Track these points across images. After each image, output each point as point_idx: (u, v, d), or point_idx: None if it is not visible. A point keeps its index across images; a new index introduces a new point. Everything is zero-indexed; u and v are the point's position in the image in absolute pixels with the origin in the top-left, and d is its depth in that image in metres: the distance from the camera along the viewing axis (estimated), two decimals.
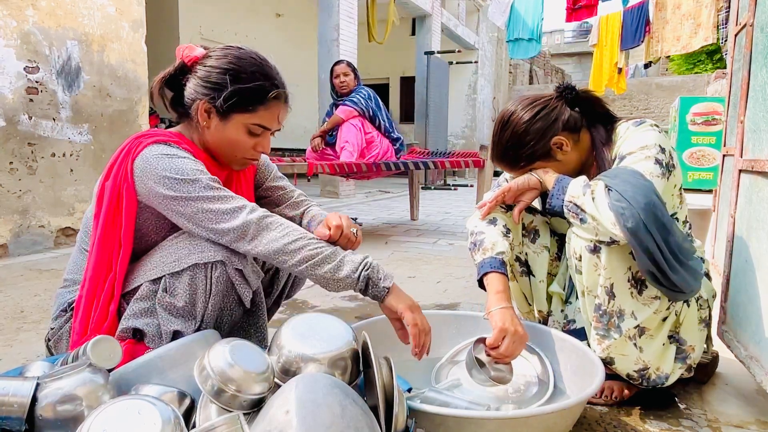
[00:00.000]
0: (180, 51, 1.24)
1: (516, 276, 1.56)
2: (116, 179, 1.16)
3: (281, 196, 1.45)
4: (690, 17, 6.45)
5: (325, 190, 7.48)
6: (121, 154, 1.17)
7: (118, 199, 1.16)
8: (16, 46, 3.11)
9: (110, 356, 0.97)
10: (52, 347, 1.26)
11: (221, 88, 1.17)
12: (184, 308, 1.13)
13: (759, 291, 1.31)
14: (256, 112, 1.20)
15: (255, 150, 1.25)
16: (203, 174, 1.15)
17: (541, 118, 1.34)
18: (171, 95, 1.26)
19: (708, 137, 6.73)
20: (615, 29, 7.64)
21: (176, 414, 0.80)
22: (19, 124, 3.17)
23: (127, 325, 1.15)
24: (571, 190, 1.23)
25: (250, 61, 1.21)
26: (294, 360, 0.96)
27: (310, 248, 1.12)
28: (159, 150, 1.15)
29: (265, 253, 1.12)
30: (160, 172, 1.12)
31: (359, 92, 4.01)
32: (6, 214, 3.15)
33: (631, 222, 1.10)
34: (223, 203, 1.13)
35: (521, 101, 1.39)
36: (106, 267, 1.17)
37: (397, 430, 0.89)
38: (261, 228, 1.12)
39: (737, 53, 2.01)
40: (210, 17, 8.78)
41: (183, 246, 1.15)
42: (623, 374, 1.31)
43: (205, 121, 1.21)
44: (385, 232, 4.35)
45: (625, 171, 1.20)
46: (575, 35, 28.49)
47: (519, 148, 1.36)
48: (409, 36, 12.70)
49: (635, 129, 1.31)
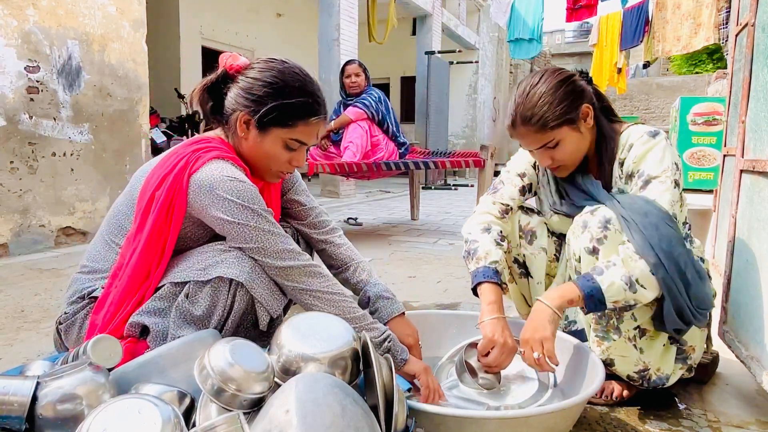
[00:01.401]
0: (223, 59, 1.24)
1: (515, 278, 1.56)
2: (170, 191, 1.15)
3: (300, 212, 1.44)
4: (690, 17, 6.44)
5: (325, 189, 7.48)
6: (177, 166, 1.16)
7: (168, 211, 1.15)
8: (16, 45, 3.11)
9: (110, 355, 0.97)
10: (62, 331, 1.24)
11: (263, 101, 1.17)
12: (200, 318, 1.13)
13: (760, 291, 1.31)
14: (295, 128, 1.20)
15: (290, 164, 1.25)
16: (261, 203, 1.17)
17: (572, 83, 1.31)
18: (210, 103, 1.26)
19: (708, 137, 6.73)
20: (615, 29, 7.65)
21: (176, 413, 0.80)
22: (20, 124, 3.17)
23: (136, 319, 1.14)
24: (610, 297, 1.17)
25: (293, 77, 1.20)
26: (294, 359, 0.96)
27: (343, 305, 1.20)
28: (223, 170, 1.15)
29: (299, 295, 1.19)
30: (222, 194, 1.13)
31: (370, 94, 3.98)
32: (6, 213, 3.15)
33: (667, 286, 1.17)
34: (275, 239, 1.17)
35: (544, 70, 1.35)
36: (144, 275, 1.17)
37: (397, 429, 0.89)
38: (305, 273, 1.18)
39: (738, 53, 2.01)
40: (210, 17, 8.78)
41: (213, 255, 1.15)
42: (623, 375, 1.31)
43: (243, 132, 1.21)
44: (385, 232, 4.35)
45: (653, 214, 1.19)
46: (576, 35, 28.48)
47: (552, 105, 1.28)
48: (409, 36, 12.69)
49: (653, 142, 1.28)
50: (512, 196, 1.50)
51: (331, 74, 7.25)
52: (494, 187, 1.53)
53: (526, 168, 1.53)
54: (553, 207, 1.46)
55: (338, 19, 7.33)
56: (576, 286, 1.19)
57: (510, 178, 1.53)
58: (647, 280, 1.15)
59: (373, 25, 8.28)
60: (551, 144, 1.30)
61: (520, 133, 1.32)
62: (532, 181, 1.53)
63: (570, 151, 1.32)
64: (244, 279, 1.14)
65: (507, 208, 1.49)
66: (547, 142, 1.30)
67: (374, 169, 3.86)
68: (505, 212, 1.48)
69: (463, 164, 4.09)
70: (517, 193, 1.51)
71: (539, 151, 1.33)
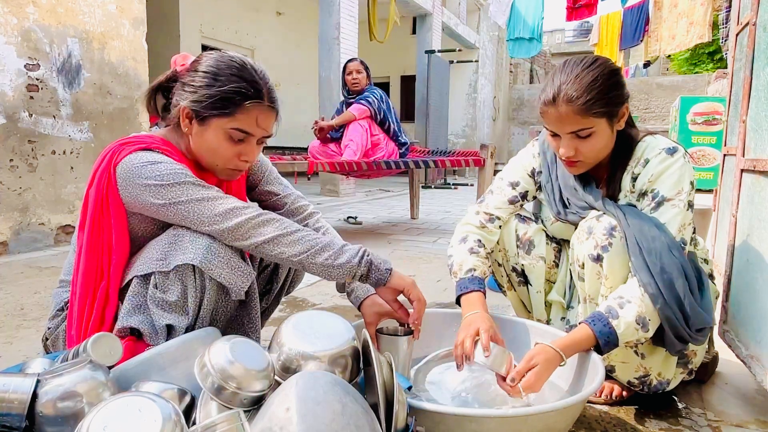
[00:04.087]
0: (174, 59, 1.24)
1: (514, 286, 1.56)
2: (99, 187, 1.14)
3: (276, 202, 1.41)
4: (684, 15, 6.45)
5: (325, 188, 7.48)
6: (103, 161, 1.16)
7: (102, 207, 1.14)
8: (16, 43, 3.11)
9: (110, 353, 0.97)
10: (49, 346, 1.26)
11: (199, 91, 1.16)
12: (175, 303, 1.12)
13: (760, 290, 1.31)
14: (233, 116, 1.16)
15: (239, 159, 1.20)
16: (188, 176, 1.13)
17: (621, 78, 1.25)
18: (162, 102, 1.26)
19: (708, 137, 6.74)
20: (615, 28, 7.66)
21: (177, 411, 0.80)
22: (20, 122, 3.17)
23: (122, 324, 1.14)
24: (624, 339, 1.17)
25: (228, 64, 1.17)
26: (294, 357, 0.96)
27: (308, 239, 1.14)
28: (141, 157, 1.13)
29: (262, 249, 1.13)
30: (144, 181, 1.10)
31: (373, 92, 3.98)
32: (6, 211, 3.14)
33: (666, 316, 1.17)
34: (213, 204, 1.12)
35: (595, 57, 1.27)
36: (97, 274, 1.16)
37: (397, 428, 0.89)
38: (256, 225, 1.13)
39: (739, 52, 2.01)
40: (210, 15, 8.78)
41: (168, 242, 1.13)
42: (624, 382, 1.31)
43: (187, 127, 1.19)
44: (385, 231, 4.35)
45: (659, 241, 1.17)
46: (576, 35, 28.47)
47: (602, 92, 1.19)
48: (409, 35, 12.68)
49: (670, 161, 1.24)
50: (498, 205, 1.47)
51: (331, 73, 7.25)
52: (483, 197, 1.52)
53: (520, 176, 1.49)
54: (558, 216, 1.43)
55: (338, 18, 7.32)
56: (592, 332, 1.16)
57: (501, 187, 1.50)
58: (653, 315, 1.16)
59: (374, 23, 8.27)
60: (584, 133, 1.22)
61: (560, 112, 1.21)
62: (528, 189, 1.49)
63: (597, 148, 1.25)
64: (199, 262, 1.10)
65: (491, 217, 1.47)
66: (582, 128, 1.22)
67: (374, 167, 3.85)
68: (489, 221, 1.46)
69: (463, 163, 4.09)
70: (506, 203, 1.48)
71: (568, 137, 1.24)
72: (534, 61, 18.39)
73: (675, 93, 12.66)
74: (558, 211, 1.42)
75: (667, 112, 13.15)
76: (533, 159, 1.49)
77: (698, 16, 6.29)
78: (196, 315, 1.15)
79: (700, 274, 1.27)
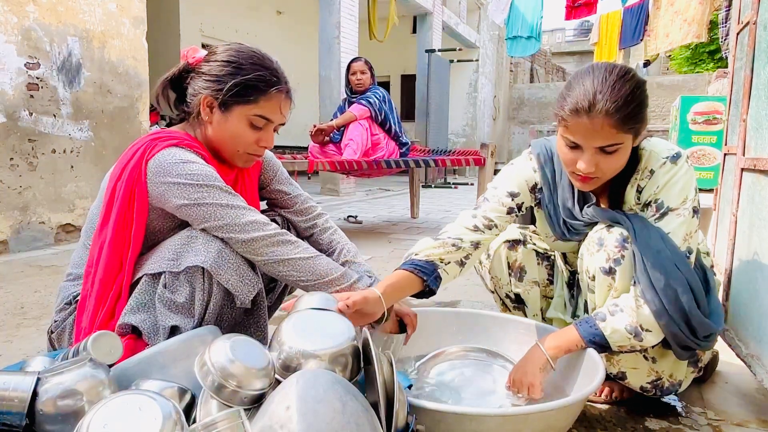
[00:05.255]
0: (185, 53, 1.26)
1: (509, 309, 1.58)
2: (129, 181, 1.15)
3: (286, 201, 1.44)
4: (680, 13, 6.45)
5: (325, 187, 7.47)
6: (135, 156, 1.17)
7: (130, 201, 1.16)
8: (16, 42, 3.10)
9: (111, 351, 0.97)
10: (54, 339, 1.25)
11: (223, 80, 1.19)
12: (183, 305, 1.13)
13: (761, 289, 1.31)
14: (257, 103, 1.21)
15: (258, 145, 1.25)
16: (217, 180, 1.16)
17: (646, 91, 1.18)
18: (174, 96, 1.29)
19: (709, 136, 6.73)
20: (615, 28, 7.65)
21: (177, 409, 0.80)
22: (20, 120, 3.16)
23: (124, 320, 1.14)
24: (614, 342, 1.18)
25: (249, 54, 1.23)
26: (295, 356, 0.96)
27: (319, 268, 1.20)
28: (174, 154, 1.15)
29: (271, 267, 1.18)
30: (175, 179, 1.13)
31: (375, 93, 3.97)
32: (6, 210, 3.14)
33: (672, 332, 1.16)
34: (236, 212, 1.15)
35: (623, 66, 1.19)
36: (117, 267, 1.17)
37: (397, 426, 0.89)
38: (272, 243, 1.16)
39: (739, 51, 2.01)
40: (211, 14, 8.77)
41: (182, 242, 1.15)
42: (636, 388, 1.30)
43: (207, 116, 1.22)
44: (385, 230, 4.35)
45: (665, 255, 1.15)
46: (576, 34, 28.46)
47: (637, 107, 1.12)
48: (410, 34, 12.68)
49: (675, 169, 1.20)
50: (498, 213, 1.36)
51: (332, 72, 7.25)
52: (477, 204, 1.41)
53: (520, 188, 1.37)
54: (562, 238, 1.39)
55: (339, 17, 7.32)
56: (577, 333, 1.21)
57: (497, 195, 1.37)
58: (653, 326, 1.15)
59: (374, 22, 8.27)
60: (612, 149, 1.13)
61: (594, 123, 1.10)
62: (524, 201, 1.38)
63: (618, 165, 1.18)
64: (209, 266, 1.11)
65: (491, 224, 1.34)
66: (612, 144, 1.12)
67: (374, 167, 3.85)
68: (488, 227, 1.34)
69: (463, 162, 4.09)
70: (504, 211, 1.36)
71: (592, 150, 1.14)
72: (534, 60, 18.38)
73: (675, 92, 12.65)
74: (562, 233, 1.37)
75: (668, 111, 13.14)
76: (534, 173, 1.38)
77: (694, 15, 6.28)
78: (202, 318, 1.15)
79: (705, 274, 1.27)
